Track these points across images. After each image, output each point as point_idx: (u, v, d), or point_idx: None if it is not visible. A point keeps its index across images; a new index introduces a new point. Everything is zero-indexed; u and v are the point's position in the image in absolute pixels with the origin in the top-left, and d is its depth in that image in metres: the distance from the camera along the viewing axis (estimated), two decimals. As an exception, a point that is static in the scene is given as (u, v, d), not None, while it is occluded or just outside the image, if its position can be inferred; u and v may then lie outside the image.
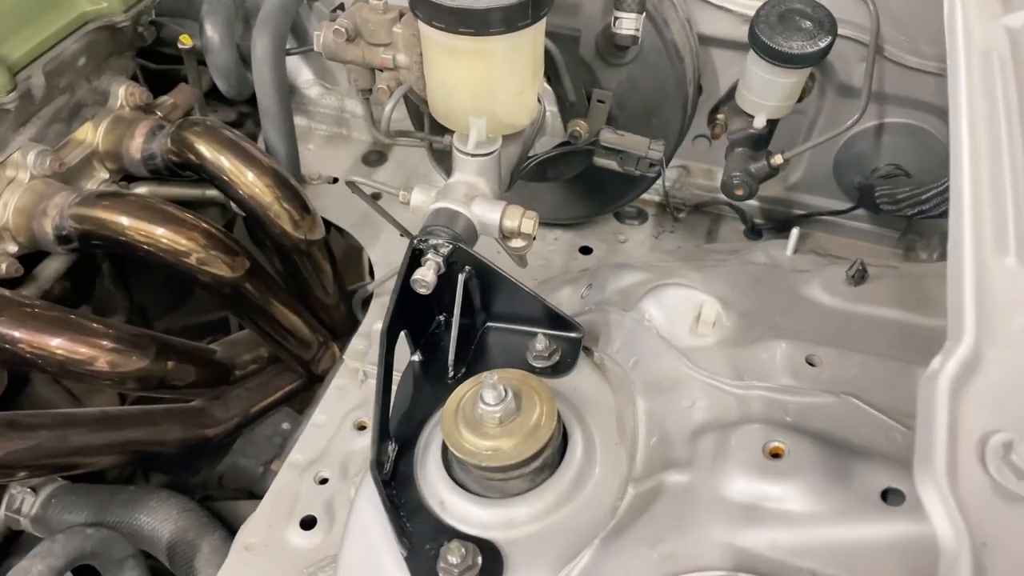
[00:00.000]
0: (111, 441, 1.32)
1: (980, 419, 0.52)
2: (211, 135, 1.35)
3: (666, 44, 1.22)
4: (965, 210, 0.64)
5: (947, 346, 0.55)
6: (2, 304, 1.17)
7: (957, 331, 0.56)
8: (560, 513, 0.84)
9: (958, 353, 0.55)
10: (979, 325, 0.57)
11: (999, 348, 0.56)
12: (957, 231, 0.62)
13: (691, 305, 1.02)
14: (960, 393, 0.53)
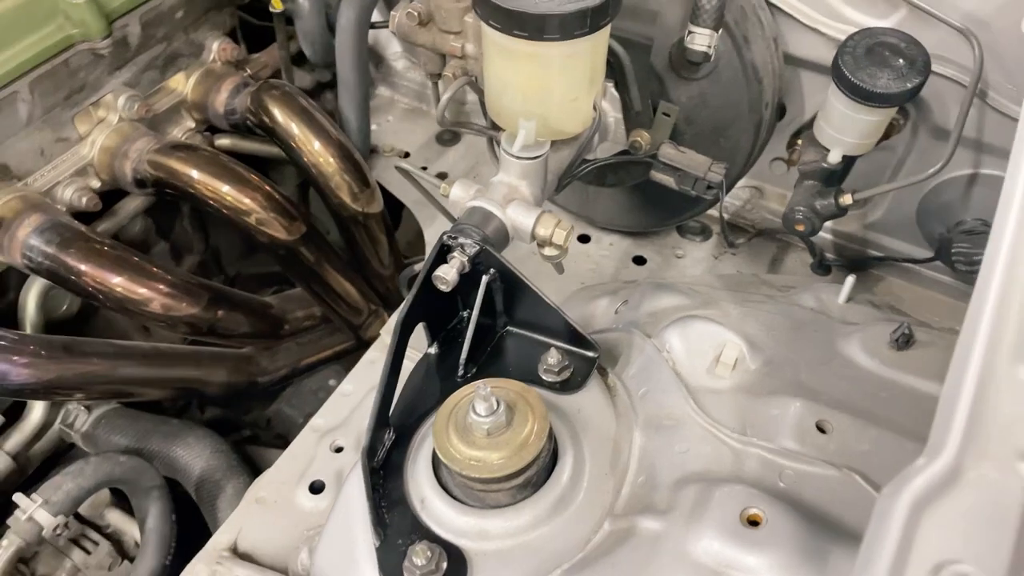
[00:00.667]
0: (159, 376, 1.41)
1: (940, 545, 0.48)
2: (286, 100, 1.40)
3: (744, 64, 1.16)
4: (989, 301, 0.58)
5: (923, 457, 0.51)
6: (74, 237, 1.26)
7: (939, 441, 0.52)
8: (533, 534, 0.84)
9: (933, 467, 0.50)
10: (967, 438, 0.52)
11: (985, 468, 0.51)
12: (972, 324, 0.57)
13: (715, 343, 0.98)
14: (923, 512, 0.48)
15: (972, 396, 0.53)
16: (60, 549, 1.41)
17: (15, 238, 1.25)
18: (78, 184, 1.39)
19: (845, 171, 1.21)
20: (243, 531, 1.17)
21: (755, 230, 1.56)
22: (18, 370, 1.19)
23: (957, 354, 0.56)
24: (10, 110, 1.25)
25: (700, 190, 1.20)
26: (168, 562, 1.28)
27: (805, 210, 1.18)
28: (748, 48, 1.16)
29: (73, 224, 1.29)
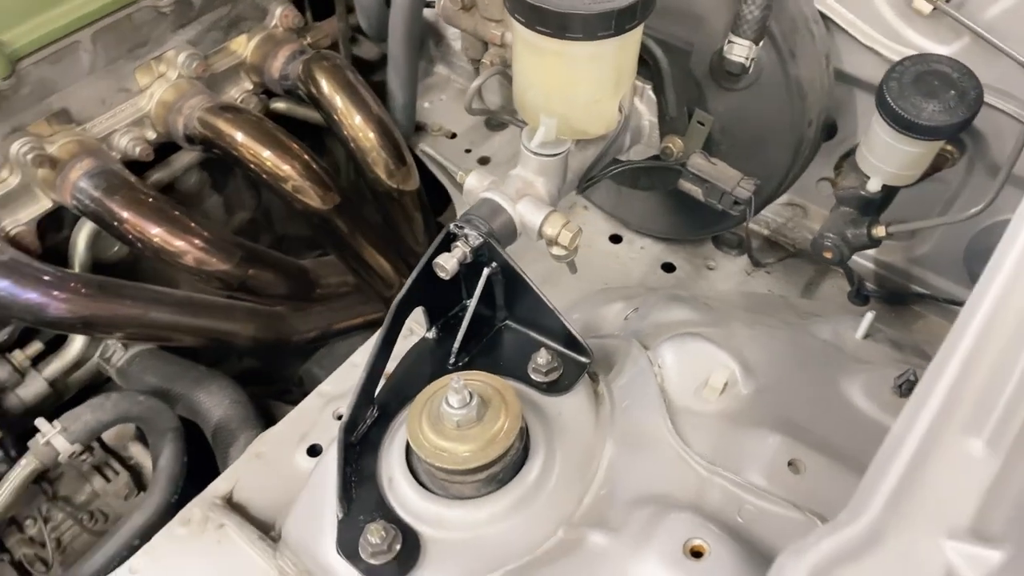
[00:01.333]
0: (189, 324, 1.47)
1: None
2: (333, 72, 1.43)
3: (787, 78, 1.11)
4: (953, 364, 0.55)
5: (837, 519, 0.49)
6: (120, 185, 1.33)
7: (861, 504, 0.49)
8: (489, 529, 0.84)
9: (847, 531, 0.48)
10: (893, 505, 0.49)
11: (907, 540, 0.49)
12: (929, 384, 0.54)
13: (708, 364, 0.96)
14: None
15: (909, 461, 0.51)
16: (83, 474, 1.51)
17: (67, 179, 1.33)
18: (134, 134, 1.46)
19: (885, 201, 1.15)
20: (240, 482, 1.21)
21: (794, 249, 1.51)
22: (56, 304, 1.27)
23: (905, 413, 0.53)
24: (73, 58, 1.32)
25: (727, 205, 1.17)
26: (174, 500, 1.35)
27: (835, 237, 1.13)
28: (794, 62, 1.11)
29: (122, 172, 1.36)
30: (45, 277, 1.27)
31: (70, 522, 1.44)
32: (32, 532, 1.41)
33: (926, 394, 0.53)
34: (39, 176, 1.34)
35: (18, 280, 1.24)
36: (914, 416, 0.52)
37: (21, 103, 1.29)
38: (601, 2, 0.90)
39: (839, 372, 0.99)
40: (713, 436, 0.86)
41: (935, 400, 0.53)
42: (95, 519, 1.48)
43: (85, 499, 1.49)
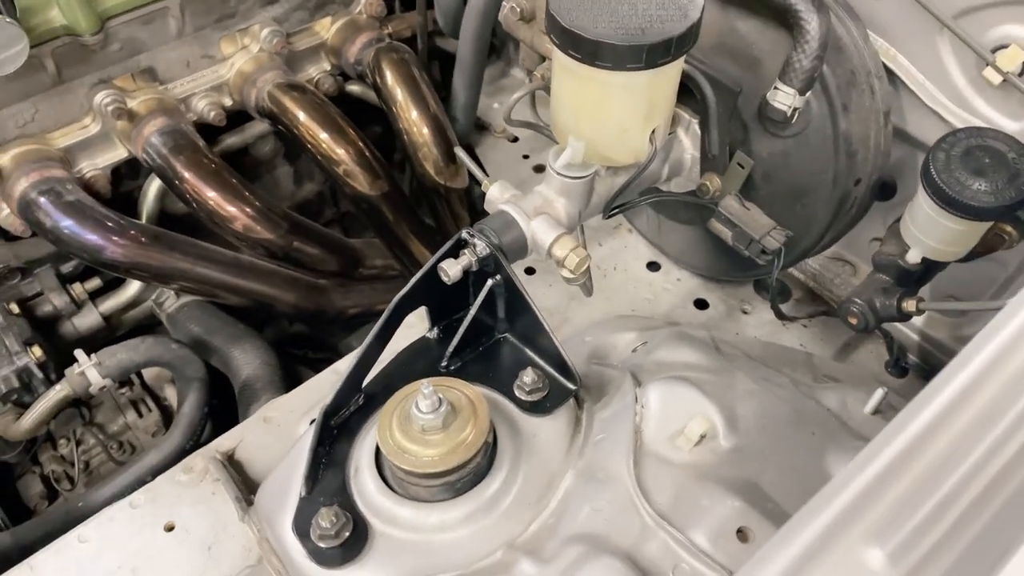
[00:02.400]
0: (233, 283, 1.55)
1: None
2: (399, 66, 1.47)
3: (836, 132, 1.07)
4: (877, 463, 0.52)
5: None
6: (186, 146, 1.41)
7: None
8: (436, 535, 0.86)
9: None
10: (767, 604, 0.48)
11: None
12: (841, 482, 0.52)
13: (690, 411, 0.94)
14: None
15: (796, 557, 0.49)
16: (120, 406, 1.62)
17: (141, 134, 1.43)
18: (211, 99, 1.54)
19: (925, 275, 1.09)
20: (244, 442, 1.28)
21: (836, 307, 1.44)
22: (112, 248, 1.37)
23: (810, 505, 0.51)
24: (162, 22, 1.41)
25: (754, 252, 1.13)
26: (189, 446, 1.43)
27: (863, 304, 1.08)
28: (846, 117, 1.06)
29: (191, 135, 1.44)
30: (107, 222, 1.37)
31: (99, 448, 1.55)
32: (64, 451, 1.53)
33: (837, 489, 0.51)
34: (118, 127, 1.44)
35: (81, 221, 1.34)
36: (817, 510, 0.50)
37: (110, 58, 1.39)
38: (635, 33, 0.89)
39: (830, 445, 0.95)
40: (674, 487, 0.85)
41: (846, 496, 0.51)
42: (123, 449, 1.59)
43: (117, 429, 1.60)
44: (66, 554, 1.16)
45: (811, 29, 0.95)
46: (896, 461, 0.52)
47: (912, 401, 0.55)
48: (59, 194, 1.33)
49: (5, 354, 1.34)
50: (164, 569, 1.14)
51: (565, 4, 0.92)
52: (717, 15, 1.11)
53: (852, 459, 0.91)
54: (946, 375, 0.54)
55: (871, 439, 0.99)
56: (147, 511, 1.21)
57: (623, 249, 1.56)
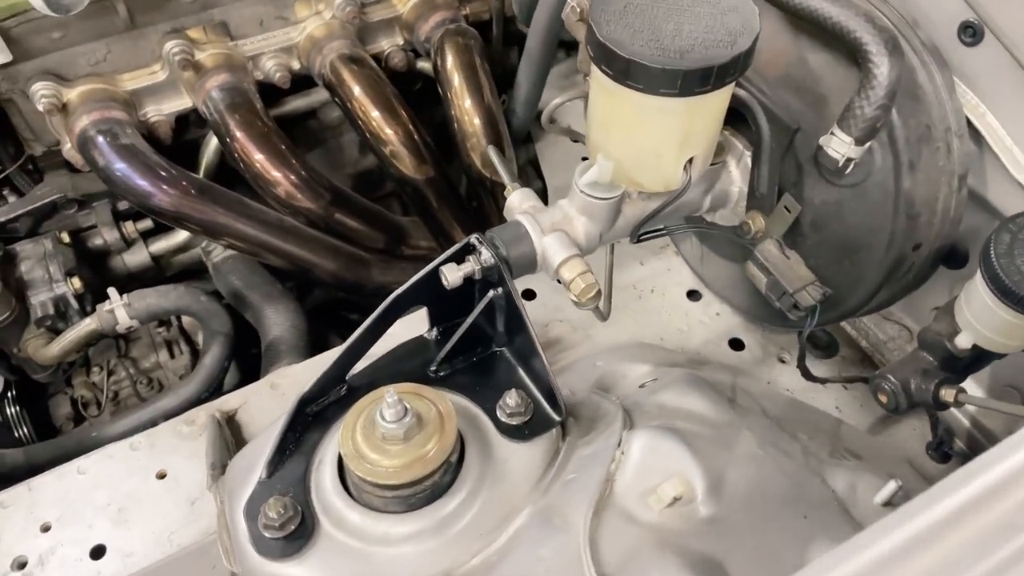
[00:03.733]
0: (273, 244, 1.56)
1: None
2: (461, 52, 1.43)
3: (898, 190, 0.96)
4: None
5: None
6: (242, 105, 1.43)
7: None
8: (377, 548, 0.84)
9: None
10: None
11: None
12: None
13: (671, 468, 0.87)
14: None
15: None
16: (155, 344, 1.68)
17: (204, 87, 1.45)
18: (280, 60, 1.55)
19: (975, 363, 0.97)
20: (247, 404, 1.30)
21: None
22: (160, 195, 1.40)
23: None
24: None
25: (786, 305, 1.04)
26: (205, 397, 1.46)
27: (896, 383, 0.98)
28: (912, 174, 0.95)
29: (249, 94, 1.46)
30: (158, 170, 1.40)
31: (128, 381, 1.61)
32: (96, 379, 1.60)
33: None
34: (184, 77, 1.47)
35: (133, 165, 1.38)
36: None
37: (183, 8, 1.42)
38: (673, 56, 0.82)
39: (819, 535, 0.86)
40: (629, 549, 0.79)
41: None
42: (151, 385, 1.65)
43: (148, 366, 1.66)
44: (64, 482, 1.21)
45: (879, 74, 0.85)
46: (879, 565, 0.45)
47: (920, 496, 0.47)
48: (116, 136, 1.37)
49: (46, 280, 1.40)
50: (148, 514, 1.17)
51: (607, 14, 0.85)
52: (788, 43, 1.01)
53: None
54: (965, 474, 0.47)
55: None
56: (144, 455, 1.24)
57: (665, 272, 1.48)
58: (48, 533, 1.16)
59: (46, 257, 1.43)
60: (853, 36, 0.87)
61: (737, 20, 0.85)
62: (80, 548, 1.14)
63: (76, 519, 1.17)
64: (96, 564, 1.13)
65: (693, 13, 0.86)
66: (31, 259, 1.43)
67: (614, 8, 0.86)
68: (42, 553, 1.14)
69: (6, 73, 1.35)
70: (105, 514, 1.17)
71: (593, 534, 0.80)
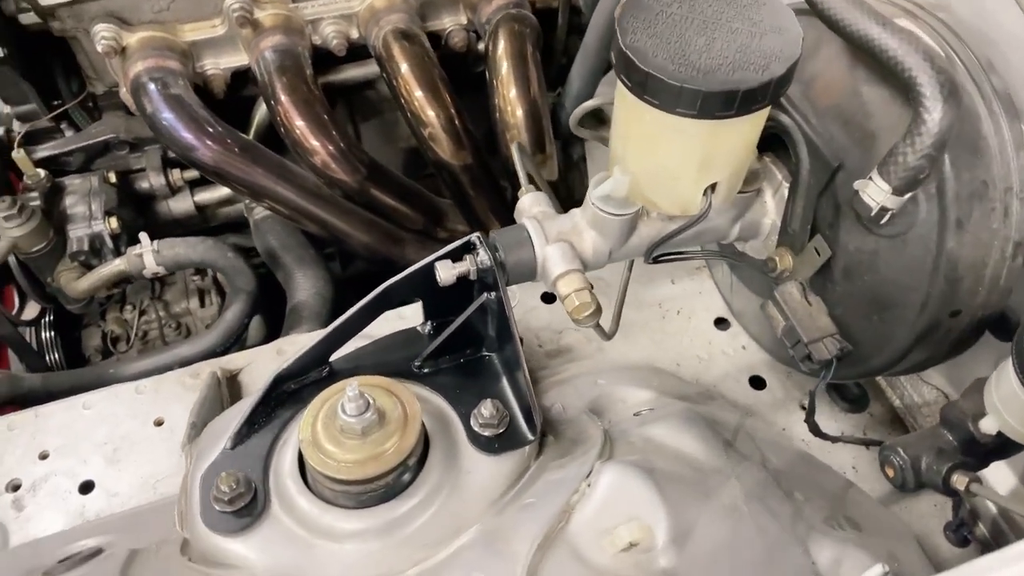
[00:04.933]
0: (309, 210, 1.56)
1: None
2: (514, 39, 1.38)
3: (940, 249, 0.86)
4: None
5: None
6: (291, 68, 1.43)
7: None
8: (319, 541, 0.82)
9: None
10: None
11: None
12: None
13: (635, 511, 0.82)
14: None
15: None
16: (189, 290, 1.72)
17: (259, 46, 1.46)
18: (339, 27, 1.54)
19: (998, 451, 0.87)
20: (252, 366, 1.31)
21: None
22: (202, 149, 1.42)
23: None
24: (302, -58, 1.41)
25: (799, 355, 0.96)
26: (221, 351, 1.49)
27: (905, 459, 0.89)
28: (958, 234, 0.85)
29: (301, 59, 1.45)
30: (203, 124, 1.42)
31: (158, 323, 1.66)
32: (128, 316, 1.66)
33: None
34: (242, 34, 1.48)
35: (181, 117, 1.40)
36: None
37: (249, -34, 1.42)
38: (694, 74, 0.75)
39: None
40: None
41: None
42: (178, 330, 1.69)
43: (179, 311, 1.71)
44: (69, 414, 1.25)
45: (928, 120, 0.76)
46: None
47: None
48: (166, 85, 1.39)
49: (86, 216, 1.45)
50: (139, 458, 1.20)
51: (636, 20, 0.80)
52: (843, 72, 0.93)
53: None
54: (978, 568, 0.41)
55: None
56: (147, 400, 1.27)
57: (696, 295, 1.40)
58: (45, 461, 1.20)
59: (90, 194, 1.48)
60: (908, 74, 0.78)
61: (777, 43, 0.78)
62: (71, 480, 1.18)
63: (73, 452, 1.21)
64: (83, 498, 1.16)
65: (730, 29, 0.79)
66: (76, 194, 1.48)
67: (645, 14, 0.80)
68: (36, 480, 1.18)
69: (72, 11, 1.39)
70: (100, 452, 1.21)
71: (534, 568, 0.76)
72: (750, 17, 0.81)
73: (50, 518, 1.14)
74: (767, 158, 1.03)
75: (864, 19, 0.82)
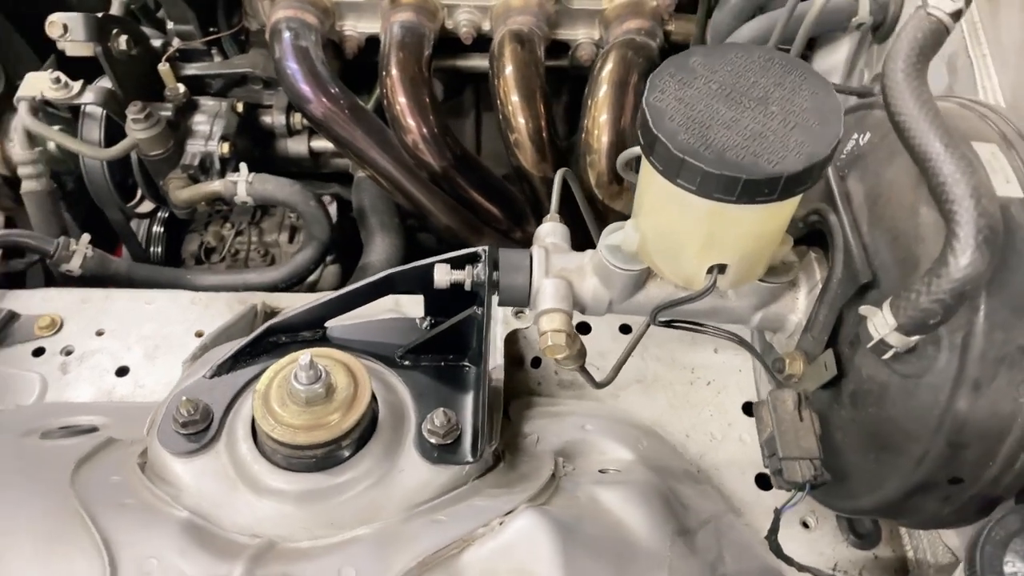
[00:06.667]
0: (398, 181, 1.62)
1: None
2: (621, 67, 1.36)
3: (947, 407, 0.76)
4: None
5: None
6: (408, 46, 1.49)
7: None
8: (241, 487, 0.87)
9: None
10: None
11: None
12: None
13: (525, 565, 0.80)
14: None
15: None
16: (284, 225, 1.85)
17: (390, 18, 1.53)
18: (472, 17, 1.59)
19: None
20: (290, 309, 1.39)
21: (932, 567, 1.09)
22: (315, 103, 1.53)
23: None
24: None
25: (771, 467, 0.89)
26: (283, 287, 1.59)
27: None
28: (972, 397, 0.74)
29: (424, 40, 1.51)
30: (321, 80, 1.52)
31: (248, 246, 1.80)
32: (226, 233, 1.81)
33: None
34: (381, 3, 1.56)
35: (303, 69, 1.50)
36: None
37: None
38: (701, 149, 0.71)
39: None
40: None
41: None
42: (265, 257, 1.83)
43: (270, 241, 1.84)
44: (133, 303, 1.40)
45: (952, 264, 0.67)
46: None
47: None
48: (298, 36, 1.50)
49: (205, 136, 1.60)
50: (172, 361, 1.32)
51: (671, 79, 0.76)
52: (909, 185, 0.83)
53: None
54: None
55: None
56: (197, 312, 1.39)
57: (734, 371, 1.32)
58: (99, 338, 1.35)
59: (216, 117, 1.63)
60: (947, 206, 0.69)
61: (806, 137, 0.72)
62: (112, 362, 1.32)
63: (122, 338, 1.35)
64: (115, 380, 1.30)
65: (765, 110, 0.74)
66: (204, 114, 1.63)
67: (683, 75, 0.77)
68: (86, 352, 1.33)
69: (241, -49, 1.53)
70: (143, 345, 1.34)
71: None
72: (795, 103, 0.75)
73: (83, 388, 1.28)
74: (813, 254, 0.96)
75: (929, 134, 0.73)
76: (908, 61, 0.77)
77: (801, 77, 0.77)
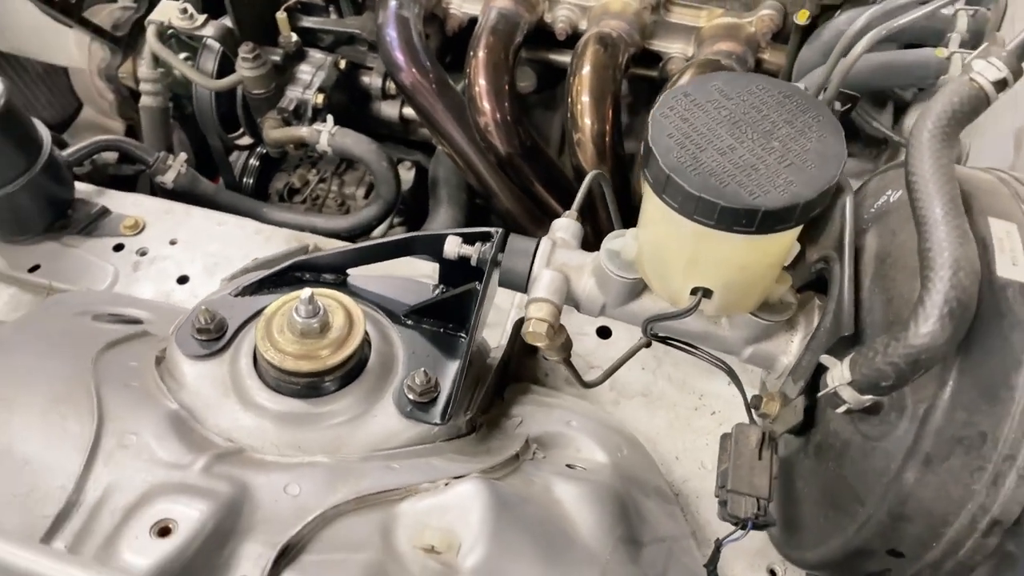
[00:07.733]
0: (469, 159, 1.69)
1: None
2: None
3: (895, 478, 0.74)
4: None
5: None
6: (500, 31, 1.55)
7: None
8: (233, 398, 0.95)
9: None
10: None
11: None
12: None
13: (455, 526, 0.84)
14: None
15: None
16: (362, 180, 1.96)
17: (492, 3, 1.59)
18: (570, 14, 1.62)
19: None
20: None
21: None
22: (404, 72, 1.62)
23: None
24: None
25: (719, 497, 0.89)
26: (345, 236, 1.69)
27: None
28: (921, 472, 0.72)
29: (517, 27, 1.56)
30: (416, 52, 1.60)
31: (327, 193, 1.92)
32: (311, 177, 1.94)
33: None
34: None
35: (400, 37, 1.59)
36: None
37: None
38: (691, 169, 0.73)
39: None
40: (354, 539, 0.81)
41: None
42: (342, 206, 1.95)
43: (348, 193, 1.96)
44: (207, 222, 1.53)
45: (911, 331, 0.66)
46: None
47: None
48: (402, 5, 1.59)
49: (304, 84, 1.72)
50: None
51: (681, 100, 0.78)
52: (915, 252, 0.81)
53: None
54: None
55: None
56: (259, 241, 1.51)
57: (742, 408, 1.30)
58: (171, 247, 1.49)
59: (319, 69, 1.74)
60: (925, 272, 0.68)
61: (798, 177, 0.72)
62: (177, 269, 1.46)
63: (190, 250, 1.49)
64: (175, 287, 1.43)
65: (763, 145, 0.74)
66: (310, 64, 1.75)
67: (696, 95, 0.78)
68: (157, 256, 1.48)
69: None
70: (205, 260, 1.47)
71: (334, 512, 0.83)
72: (799, 143, 0.75)
73: (146, 287, 1.43)
74: (818, 301, 0.94)
75: (933, 198, 0.72)
76: (938, 124, 0.76)
77: (815, 119, 0.77)
